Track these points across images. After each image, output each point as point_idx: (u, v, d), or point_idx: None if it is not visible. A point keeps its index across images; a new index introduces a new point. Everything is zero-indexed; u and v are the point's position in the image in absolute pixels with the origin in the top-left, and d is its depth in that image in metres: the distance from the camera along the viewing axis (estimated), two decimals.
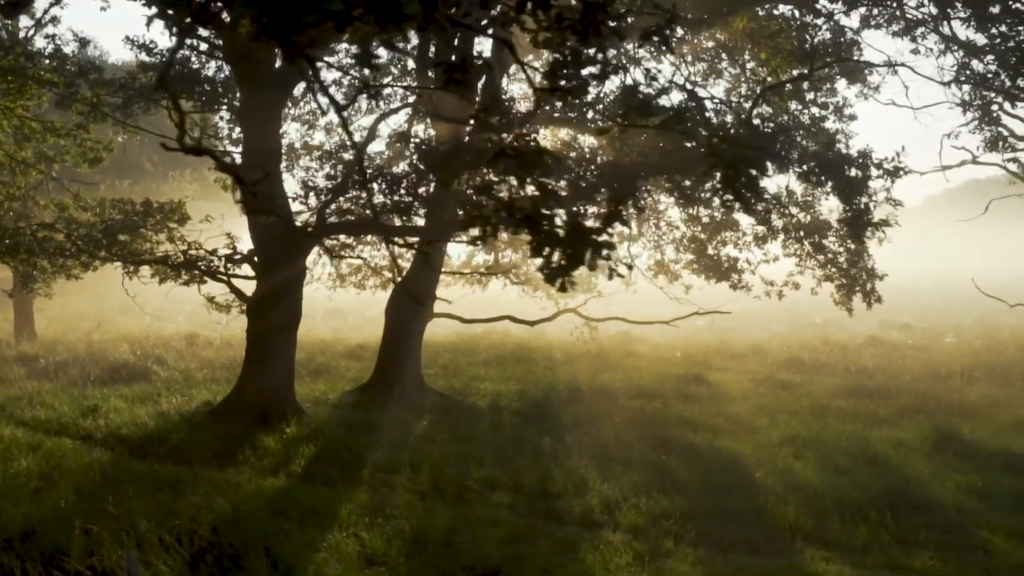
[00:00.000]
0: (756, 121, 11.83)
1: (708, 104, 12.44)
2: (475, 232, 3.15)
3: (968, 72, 11.92)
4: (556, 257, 2.92)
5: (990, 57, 11.54)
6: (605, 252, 3.03)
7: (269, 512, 7.79)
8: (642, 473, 9.64)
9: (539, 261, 3.43)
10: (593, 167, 11.10)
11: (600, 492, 8.90)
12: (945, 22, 11.98)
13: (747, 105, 18.23)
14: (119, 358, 17.40)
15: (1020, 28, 11.03)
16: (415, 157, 11.38)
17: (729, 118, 13.04)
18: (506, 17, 3.31)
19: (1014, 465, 9.98)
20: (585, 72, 3.92)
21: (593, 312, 19.96)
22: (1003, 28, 11.11)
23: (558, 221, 3.03)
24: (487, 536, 7.44)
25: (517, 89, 19.58)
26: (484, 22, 3.31)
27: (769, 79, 18.39)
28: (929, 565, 7.11)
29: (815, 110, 17.51)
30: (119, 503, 7.90)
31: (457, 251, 20.27)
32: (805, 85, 18.36)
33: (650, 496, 8.73)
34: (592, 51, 3.66)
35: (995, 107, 12.09)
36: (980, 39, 11.72)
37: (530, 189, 3.48)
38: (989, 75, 11.72)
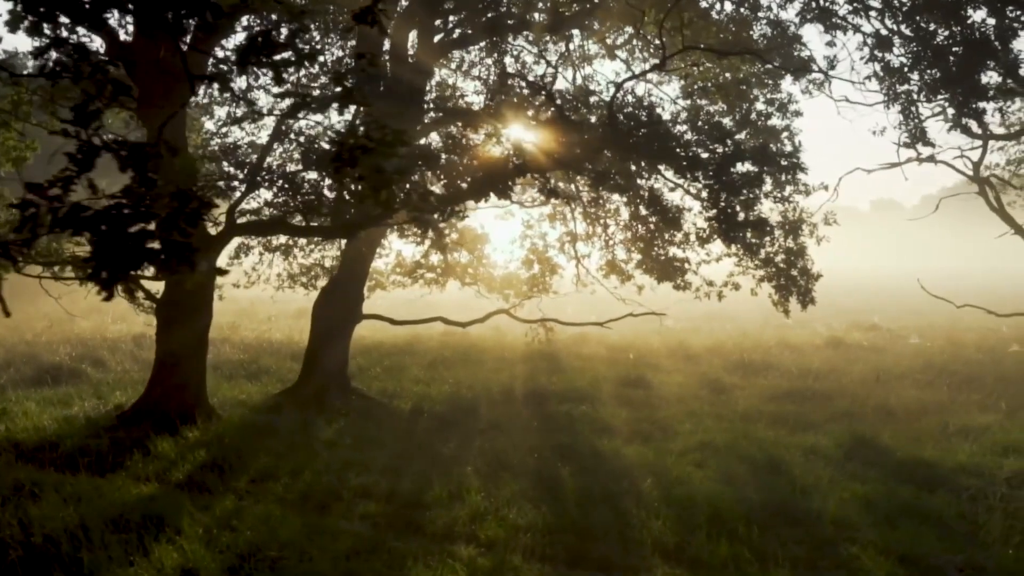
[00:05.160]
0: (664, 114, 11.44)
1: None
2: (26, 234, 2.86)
3: (882, 65, 11.49)
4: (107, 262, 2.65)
5: (903, 51, 11.14)
6: (188, 255, 2.75)
7: (111, 521, 7.53)
8: (526, 482, 9.31)
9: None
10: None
11: (473, 503, 8.57)
12: (866, 13, 11.57)
13: (702, 103, 17.97)
14: (53, 360, 17.21)
15: (940, 20, 10.59)
16: (304, 155, 11.10)
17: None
18: None
19: (917, 475, 9.57)
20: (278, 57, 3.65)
21: (551, 313, 19.65)
22: (924, 20, 10.68)
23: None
24: (327, 550, 7.13)
25: None
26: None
27: (727, 75, 18.07)
28: None
29: (761, 106, 17.19)
30: None
31: (410, 251, 20.00)
32: (753, 80, 18.02)
33: (521, 507, 8.40)
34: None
35: (913, 102, 11.66)
36: (905, 32, 11.31)
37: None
38: (905, 68, 11.32)
